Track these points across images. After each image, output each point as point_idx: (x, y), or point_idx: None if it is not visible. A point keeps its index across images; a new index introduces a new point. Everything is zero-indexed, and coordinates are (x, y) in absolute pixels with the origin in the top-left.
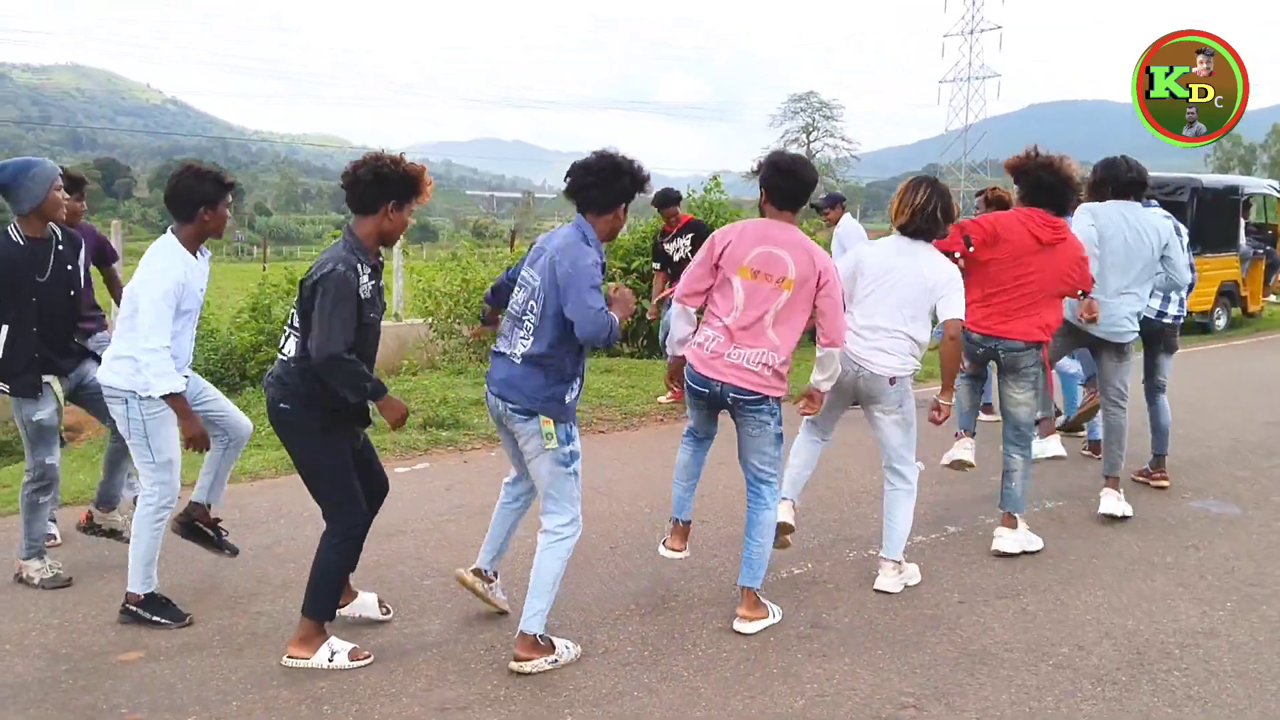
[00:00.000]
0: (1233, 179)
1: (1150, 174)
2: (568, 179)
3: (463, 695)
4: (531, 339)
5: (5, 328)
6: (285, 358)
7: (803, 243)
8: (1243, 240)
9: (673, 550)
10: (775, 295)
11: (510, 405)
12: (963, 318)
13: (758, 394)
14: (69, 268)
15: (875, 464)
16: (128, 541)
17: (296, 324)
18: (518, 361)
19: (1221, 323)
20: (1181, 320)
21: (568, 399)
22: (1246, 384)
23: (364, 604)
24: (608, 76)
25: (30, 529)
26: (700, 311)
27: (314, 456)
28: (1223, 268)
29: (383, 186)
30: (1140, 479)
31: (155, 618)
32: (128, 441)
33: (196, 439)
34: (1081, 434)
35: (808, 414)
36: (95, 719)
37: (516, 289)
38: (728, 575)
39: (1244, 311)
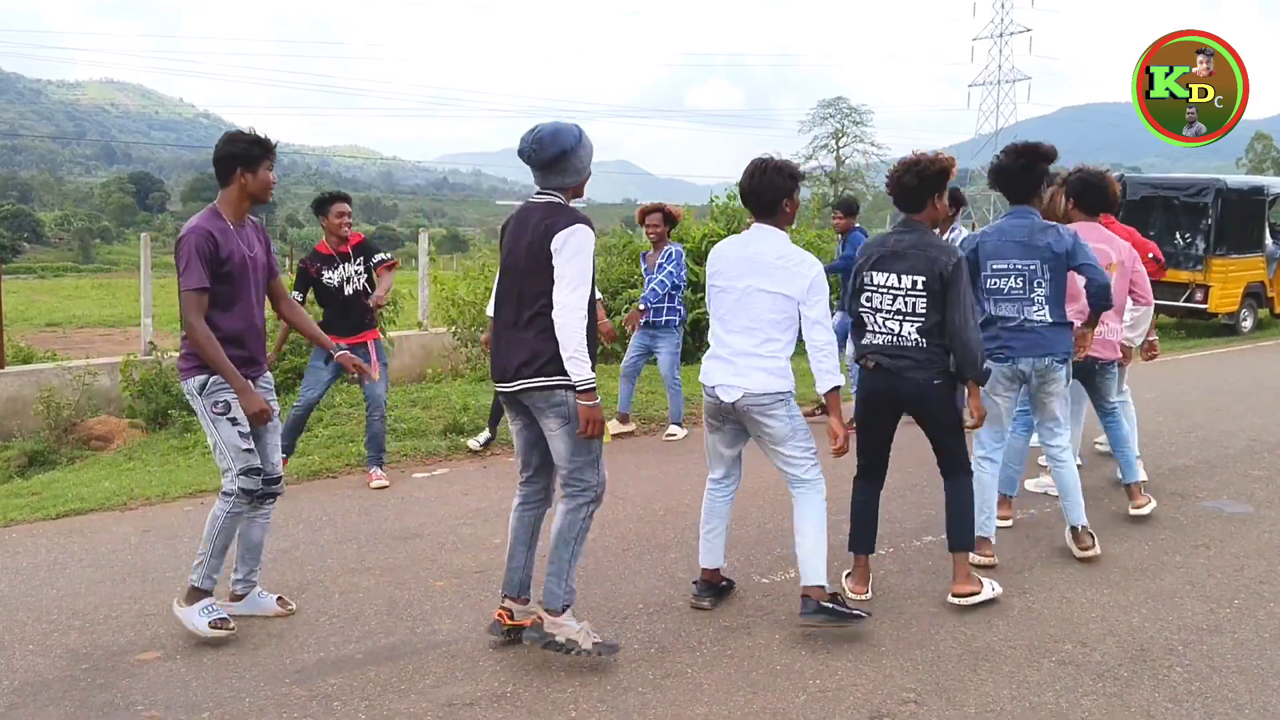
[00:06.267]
0: (1258, 179)
1: (1177, 176)
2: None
3: (469, 692)
4: (1048, 306)
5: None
6: (913, 343)
7: (1109, 236)
8: (1269, 241)
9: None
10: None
11: (1055, 359)
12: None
13: (1113, 360)
14: None
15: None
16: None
17: (908, 310)
18: (1049, 322)
19: (1248, 324)
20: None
21: None
22: (1270, 386)
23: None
24: (639, 85)
25: (572, 571)
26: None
27: (955, 415)
28: (1249, 269)
29: (925, 183)
30: None
31: (846, 610)
32: (788, 442)
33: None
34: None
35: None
36: (113, 716)
37: (1000, 279)
38: (736, 576)
39: (1271, 312)
